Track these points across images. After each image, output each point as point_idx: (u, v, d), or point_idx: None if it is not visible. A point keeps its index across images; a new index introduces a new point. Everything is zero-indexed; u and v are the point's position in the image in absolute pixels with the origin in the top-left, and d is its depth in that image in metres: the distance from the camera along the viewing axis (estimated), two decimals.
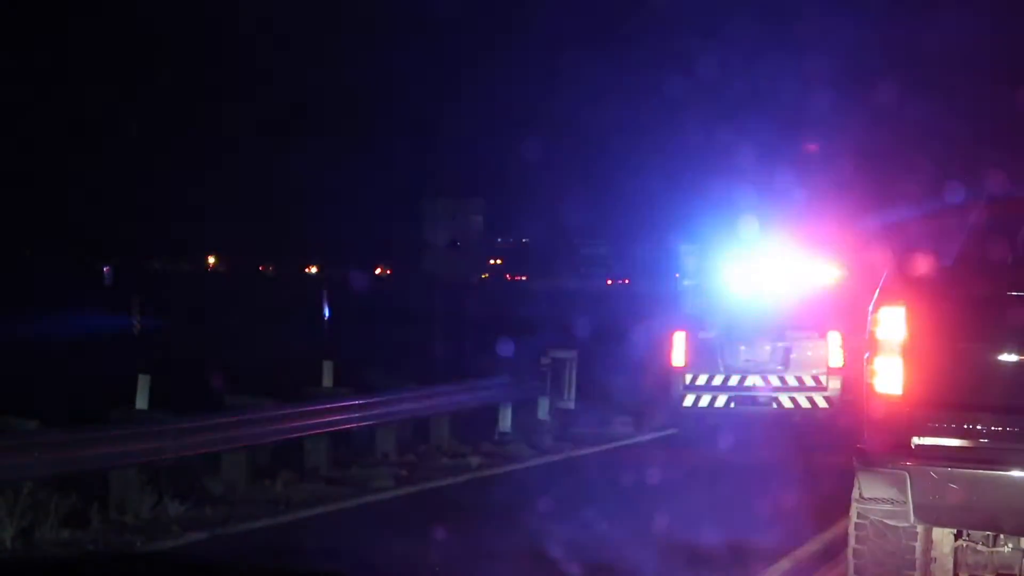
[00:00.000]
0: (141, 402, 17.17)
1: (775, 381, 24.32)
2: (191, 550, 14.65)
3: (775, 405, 24.36)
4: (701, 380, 24.58)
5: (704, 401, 24.64)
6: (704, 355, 24.51)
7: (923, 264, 11.23)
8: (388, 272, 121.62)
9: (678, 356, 24.75)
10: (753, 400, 24.46)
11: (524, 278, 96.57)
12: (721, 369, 24.52)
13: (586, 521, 16.05)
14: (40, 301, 50.11)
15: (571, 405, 27.04)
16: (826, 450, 20.60)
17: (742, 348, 24.47)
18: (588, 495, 18.56)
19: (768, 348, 24.41)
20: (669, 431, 26.93)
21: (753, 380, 24.40)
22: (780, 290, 25.14)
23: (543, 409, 26.48)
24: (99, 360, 34.60)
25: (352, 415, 20.28)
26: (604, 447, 24.52)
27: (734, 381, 24.49)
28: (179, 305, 53.47)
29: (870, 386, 10.90)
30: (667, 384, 25.17)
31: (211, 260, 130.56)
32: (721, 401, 24.60)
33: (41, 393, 27.05)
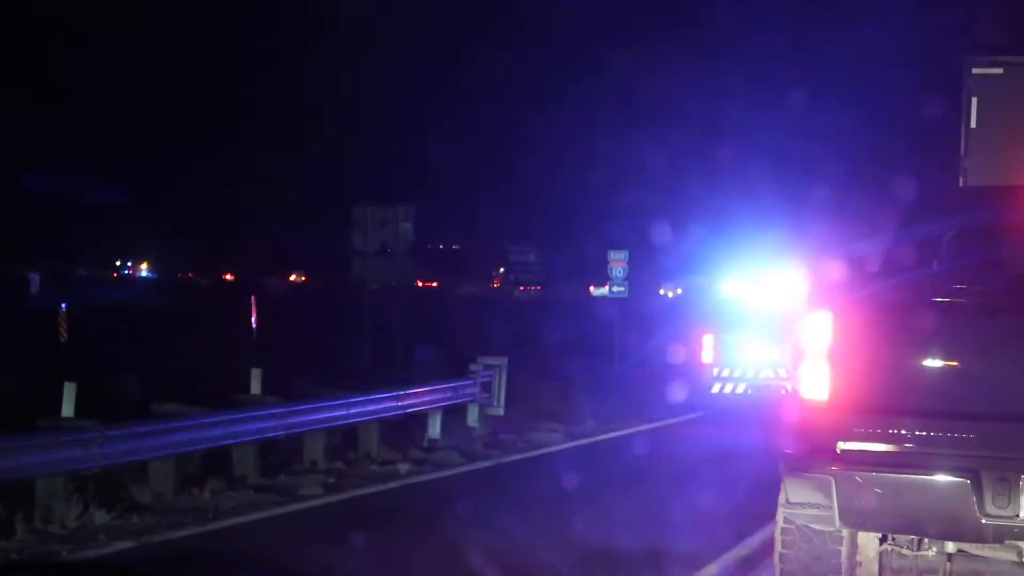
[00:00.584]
0: (68, 410, 17.02)
1: (783, 373, 29.18)
2: (117, 559, 14.57)
3: (783, 391, 28.30)
4: (725, 373, 30.11)
5: (728, 388, 30.16)
6: (727, 353, 30.06)
7: (848, 270, 11.33)
8: (303, 279, 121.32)
9: (707, 354, 30.42)
10: (766, 387, 29.49)
11: (435, 284, 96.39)
12: (740, 363, 29.97)
13: (509, 527, 16.07)
14: None
15: (500, 411, 27.12)
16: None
17: (757, 347, 29.77)
18: (514, 501, 18.63)
19: (776, 347, 29.43)
20: (594, 438, 27.14)
21: (765, 372, 29.80)
22: (785, 299, 29.05)
23: (473, 416, 26.53)
24: (25, 368, 34.29)
25: (280, 422, 20.21)
26: (532, 454, 24.60)
27: (751, 373, 29.92)
28: (106, 312, 53.08)
29: (796, 391, 10.97)
30: (698, 375, 30.90)
31: (143, 267, 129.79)
32: (740, 389, 30.02)
33: None
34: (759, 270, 31.75)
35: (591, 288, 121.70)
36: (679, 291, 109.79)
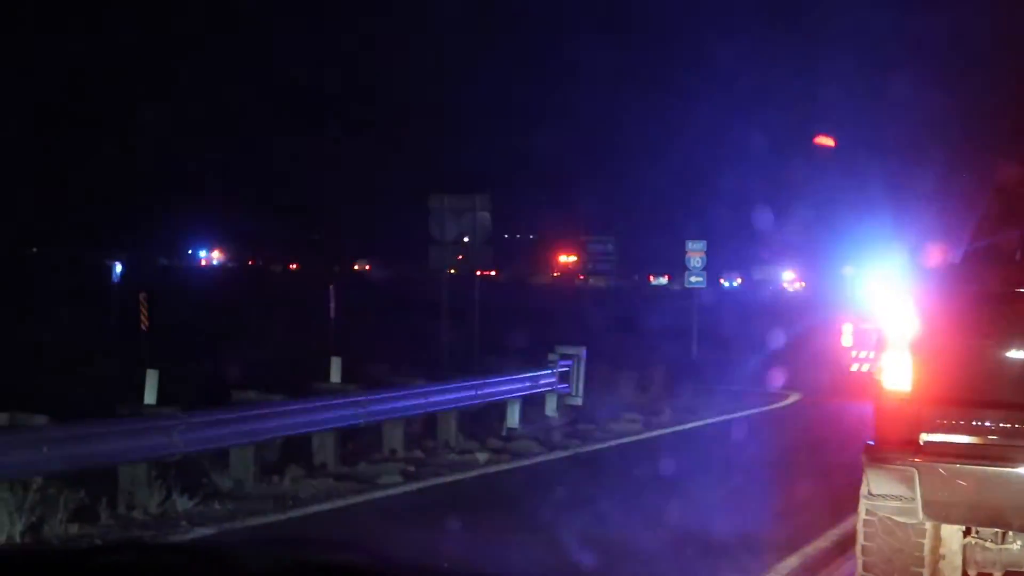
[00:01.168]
0: (149, 397, 17.15)
1: None
2: (208, 542, 14.70)
3: None
4: (862, 355, 33.87)
5: (864, 368, 33.04)
6: (863, 338, 33.78)
7: (933, 259, 11.23)
8: (367, 268, 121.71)
9: (847, 339, 34.71)
10: None
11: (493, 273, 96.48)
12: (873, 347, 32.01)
13: (590, 516, 16.10)
14: (47, 297, 50.07)
15: (579, 401, 27.10)
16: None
17: None
18: (594, 490, 18.60)
19: None
20: (674, 428, 27.08)
21: None
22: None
23: (551, 405, 26.53)
24: (108, 356, 34.64)
25: (360, 411, 20.28)
26: (611, 443, 24.55)
27: None
28: (187, 301, 53.51)
29: (879, 382, 10.88)
30: (839, 358, 34.98)
31: (215, 255, 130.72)
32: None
33: (50, 389, 27.14)
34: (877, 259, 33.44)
35: (650, 278, 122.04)
36: (738, 281, 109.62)
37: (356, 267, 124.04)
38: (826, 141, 37.29)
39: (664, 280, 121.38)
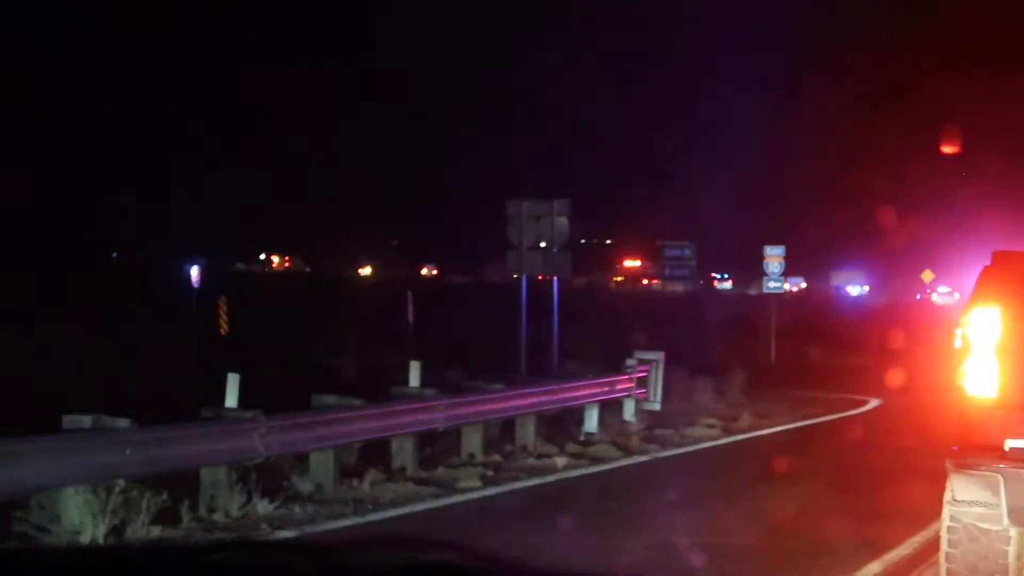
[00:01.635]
0: (231, 401, 17.25)
1: None
2: (315, 539, 14.84)
3: None
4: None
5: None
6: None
7: (1018, 265, 11.12)
8: (435, 272, 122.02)
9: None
10: None
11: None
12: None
13: (668, 523, 16.11)
14: (130, 302, 50.54)
15: (657, 406, 27.03)
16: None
17: None
18: (673, 497, 18.57)
19: None
20: (753, 433, 26.98)
21: None
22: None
23: (629, 410, 26.46)
24: (190, 360, 34.91)
25: (438, 415, 20.32)
26: (689, 448, 24.48)
27: None
28: (266, 305, 53.88)
29: (962, 388, 10.80)
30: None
31: (277, 259, 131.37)
32: None
33: (133, 392, 27.40)
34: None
35: (713, 281, 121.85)
36: (803, 285, 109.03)
37: (424, 271, 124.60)
38: (952, 148, 36.70)
39: (728, 284, 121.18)
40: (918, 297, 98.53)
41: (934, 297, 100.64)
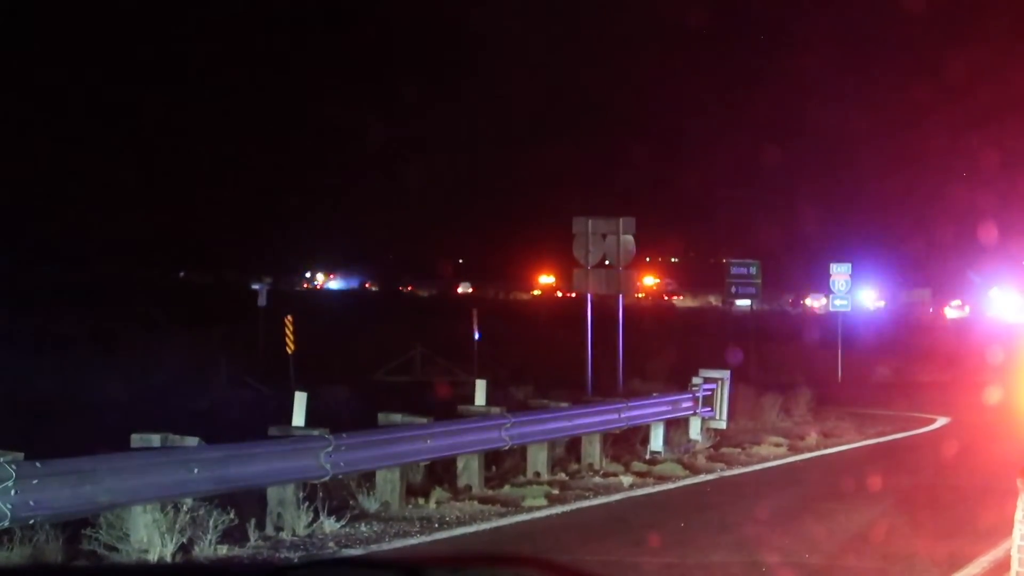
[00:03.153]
0: (298, 419, 17.31)
1: None
2: (403, 554, 14.89)
3: None
4: None
5: None
6: None
7: None
8: (471, 290, 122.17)
9: None
10: None
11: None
12: None
13: (739, 542, 16.06)
14: (198, 321, 50.91)
15: (723, 425, 26.93)
16: None
17: None
18: (740, 516, 18.49)
19: None
20: (819, 452, 26.82)
21: None
22: None
23: (695, 429, 26.37)
24: (258, 378, 35.10)
25: (504, 433, 20.30)
26: (756, 467, 24.34)
27: None
28: (330, 324, 54.10)
29: None
30: None
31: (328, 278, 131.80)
32: None
33: (201, 410, 27.58)
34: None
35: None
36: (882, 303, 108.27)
37: (459, 290, 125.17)
38: None
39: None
40: (931, 311, 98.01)
41: (947, 311, 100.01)
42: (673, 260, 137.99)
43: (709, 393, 26.61)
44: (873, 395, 39.94)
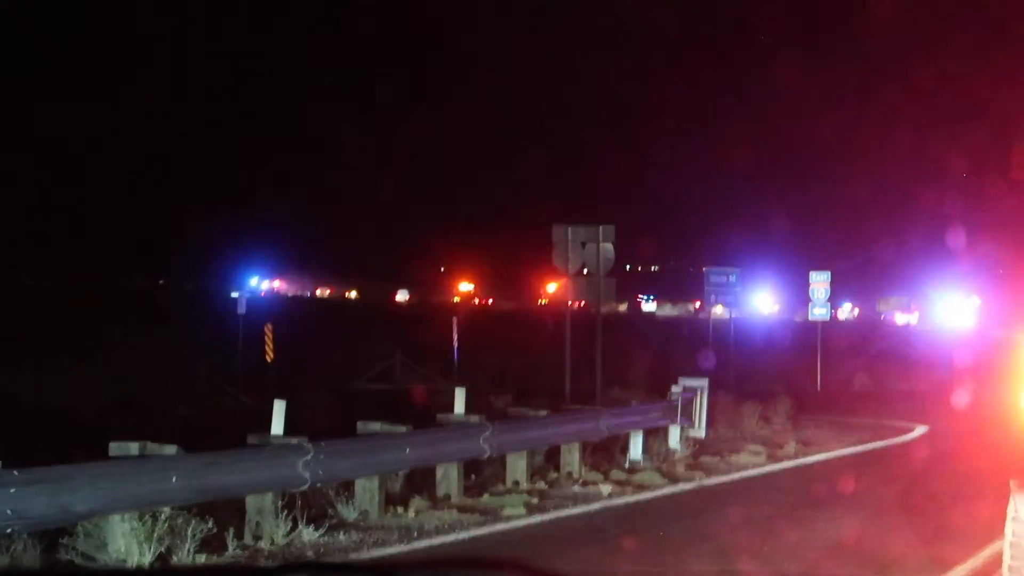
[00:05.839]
0: (277, 428, 17.27)
1: None
2: (381, 561, 14.86)
3: None
4: None
5: None
6: None
7: None
8: (482, 300, 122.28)
9: None
10: None
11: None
12: None
13: (716, 551, 16.06)
14: (179, 328, 50.75)
15: (702, 434, 26.92)
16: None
17: None
18: (719, 525, 18.52)
19: None
20: (798, 460, 26.82)
21: None
22: None
23: (674, 437, 26.36)
24: (237, 386, 35.03)
25: (484, 442, 20.28)
26: (735, 476, 24.36)
27: None
28: (311, 331, 54.01)
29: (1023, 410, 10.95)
30: None
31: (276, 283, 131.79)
32: None
33: (181, 419, 27.51)
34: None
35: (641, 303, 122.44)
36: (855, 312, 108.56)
37: (397, 298, 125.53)
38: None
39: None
40: (882, 317, 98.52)
41: (896, 317, 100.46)
42: (653, 268, 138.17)
43: (688, 401, 26.60)
44: (854, 403, 40.01)
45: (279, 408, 17.30)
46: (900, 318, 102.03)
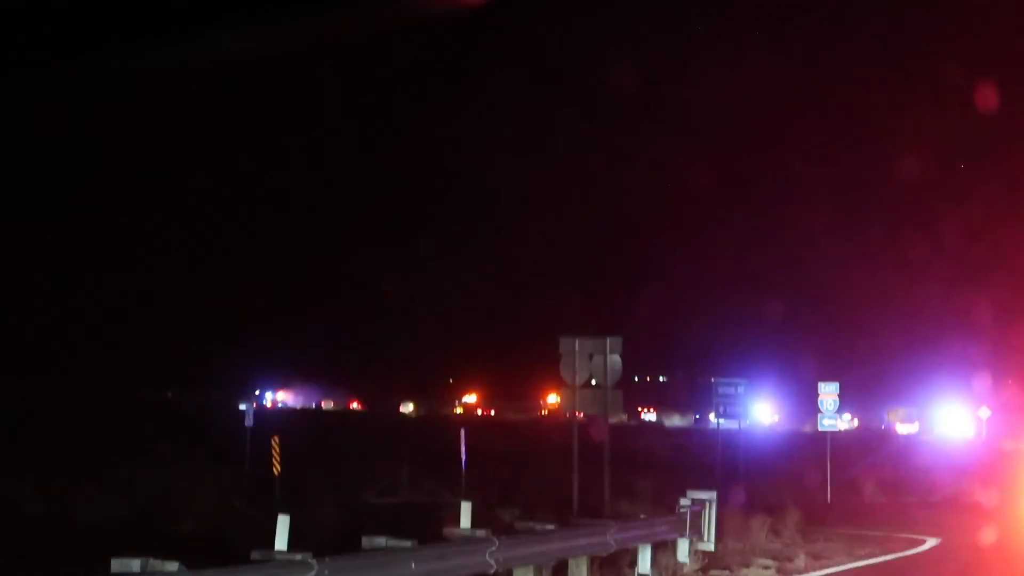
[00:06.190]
0: (280, 543, 17.09)
1: None
2: None
3: None
4: None
5: None
6: None
7: None
8: (484, 411, 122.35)
9: None
10: None
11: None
12: None
13: None
14: (185, 441, 50.64)
15: (711, 546, 26.66)
16: None
17: None
18: None
19: None
20: (810, 574, 26.59)
21: None
22: None
23: (683, 551, 26.11)
24: (244, 500, 34.85)
25: (490, 557, 20.06)
26: None
27: None
28: (318, 444, 53.88)
29: None
30: None
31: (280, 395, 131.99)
32: None
33: (185, 534, 27.34)
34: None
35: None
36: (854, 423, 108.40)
37: (400, 408, 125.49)
38: None
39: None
40: (883, 427, 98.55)
41: (898, 427, 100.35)
42: (661, 379, 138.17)
43: (696, 514, 26.38)
44: (865, 515, 39.75)
45: (283, 523, 17.13)
46: (902, 428, 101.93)
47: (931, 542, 33.10)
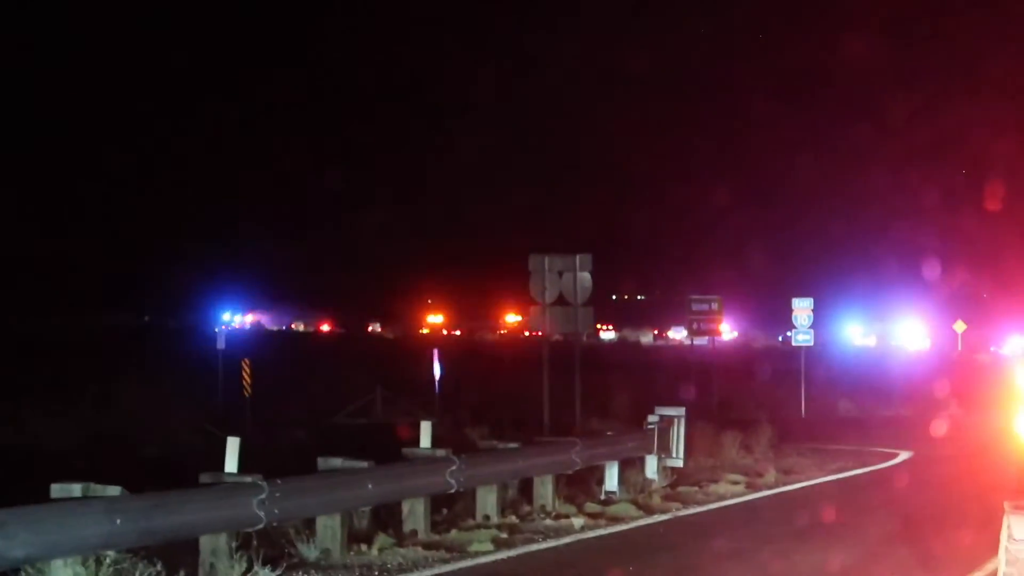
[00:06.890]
0: (230, 465, 16.77)
1: None
2: None
3: None
4: None
5: None
6: None
7: None
8: (453, 331, 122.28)
9: None
10: None
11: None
12: None
13: None
14: (157, 365, 50.32)
15: (680, 463, 26.41)
16: None
17: None
18: (696, 557, 18.14)
19: None
20: (778, 489, 26.42)
21: None
22: None
23: (651, 467, 25.85)
24: (213, 423, 34.58)
25: (451, 477, 19.78)
26: (713, 506, 23.90)
27: None
28: (291, 366, 53.70)
29: (1020, 432, 10.98)
30: None
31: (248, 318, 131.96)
32: None
33: (144, 458, 27.03)
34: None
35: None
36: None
37: (369, 328, 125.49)
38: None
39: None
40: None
41: (852, 339, 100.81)
42: (640, 297, 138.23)
43: (664, 431, 26.11)
44: (838, 430, 39.66)
45: (232, 445, 16.80)
46: (859, 341, 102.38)
47: (903, 455, 32.97)
